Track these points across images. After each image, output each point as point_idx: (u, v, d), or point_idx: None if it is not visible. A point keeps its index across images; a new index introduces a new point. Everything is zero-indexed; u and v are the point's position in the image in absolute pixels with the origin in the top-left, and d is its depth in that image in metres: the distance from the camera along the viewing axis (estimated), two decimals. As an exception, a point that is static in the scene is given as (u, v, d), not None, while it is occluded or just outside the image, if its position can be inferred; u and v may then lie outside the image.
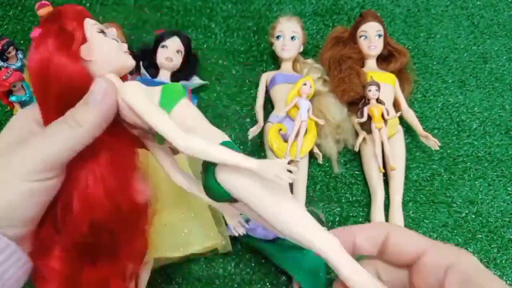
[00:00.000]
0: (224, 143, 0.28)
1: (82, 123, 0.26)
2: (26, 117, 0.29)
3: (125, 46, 0.30)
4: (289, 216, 0.25)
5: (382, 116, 0.57)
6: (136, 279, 0.44)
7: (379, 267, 0.26)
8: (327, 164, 0.61)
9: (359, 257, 0.25)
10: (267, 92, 0.63)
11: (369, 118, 0.58)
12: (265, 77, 0.63)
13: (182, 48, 0.61)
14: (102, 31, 0.29)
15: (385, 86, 0.60)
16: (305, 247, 0.24)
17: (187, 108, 0.30)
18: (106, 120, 0.27)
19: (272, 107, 0.63)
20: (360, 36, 0.63)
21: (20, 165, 0.25)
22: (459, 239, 0.57)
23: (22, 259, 0.26)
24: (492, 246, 0.56)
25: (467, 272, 0.22)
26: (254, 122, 0.61)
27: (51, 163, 0.25)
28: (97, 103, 0.26)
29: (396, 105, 0.63)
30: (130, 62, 0.30)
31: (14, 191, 0.24)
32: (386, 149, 0.56)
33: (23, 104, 0.56)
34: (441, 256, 0.23)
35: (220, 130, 0.30)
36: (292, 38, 0.63)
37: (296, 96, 0.58)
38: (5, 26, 0.68)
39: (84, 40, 0.27)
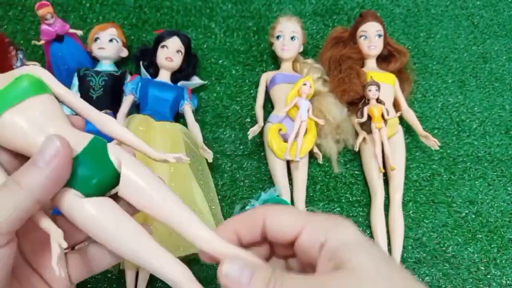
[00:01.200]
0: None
1: (23, 185, 0.21)
2: None
3: None
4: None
5: (382, 116, 0.57)
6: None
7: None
8: (327, 164, 0.61)
9: None
10: (267, 92, 0.63)
11: (369, 118, 0.58)
12: (265, 77, 0.63)
13: (182, 48, 0.61)
14: None
15: (385, 86, 0.60)
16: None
17: (11, 123, 0.23)
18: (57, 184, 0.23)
19: (272, 107, 0.63)
20: (360, 36, 0.63)
21: None
22: (459, 239, 0.57)
23: None
24: (492, 246, 0.56)
25: (336, 247, 0.21)
26: (254, 122, 0.61)
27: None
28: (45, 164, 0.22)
29: (396, 105, 0.63)
30: None
31: None
32: (386, 149, 0.56)
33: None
34: (314, 233, 0.22)
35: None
36: (292, 38, 0.63)
37: (296, 96, 0.58)
38: (5, 26, 0.68)
39: None
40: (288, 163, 0.58)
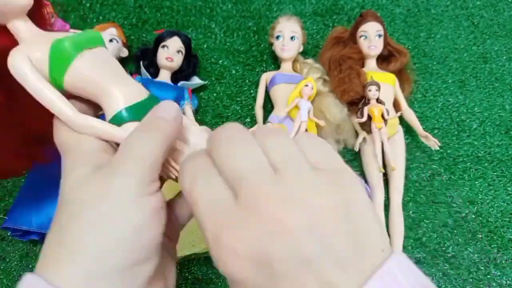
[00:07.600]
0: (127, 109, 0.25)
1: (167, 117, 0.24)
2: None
3: None
4: None
5: (382, 116, 0.57)
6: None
7: None
8: (327, 164, 0.61)
9: None
10: (267, 92, 0.63)
11: (369, 118, 0.58)
12: (265, 77, 0.63)
13: (182, 48, 0.61)
14: None
15: (385, 86, 0.60)
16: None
17: (83, 69, 0.24)
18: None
19: (272, 107, 0.63)
20: (360, 36, 0.63)
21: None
22: (459, 239, 0.57)
23: None
24: (492, 246, 0.56)
25: None
26: (254, 122, 0.61)
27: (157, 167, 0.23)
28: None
29: (396, 105, 0.63)
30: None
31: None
32: (386, 149, 0.57)
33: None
34: None
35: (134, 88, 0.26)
36: (292, 38, 0.62)
37: (297, 97, 0.58)
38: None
39: None
40: (288, 163, 0.58)
